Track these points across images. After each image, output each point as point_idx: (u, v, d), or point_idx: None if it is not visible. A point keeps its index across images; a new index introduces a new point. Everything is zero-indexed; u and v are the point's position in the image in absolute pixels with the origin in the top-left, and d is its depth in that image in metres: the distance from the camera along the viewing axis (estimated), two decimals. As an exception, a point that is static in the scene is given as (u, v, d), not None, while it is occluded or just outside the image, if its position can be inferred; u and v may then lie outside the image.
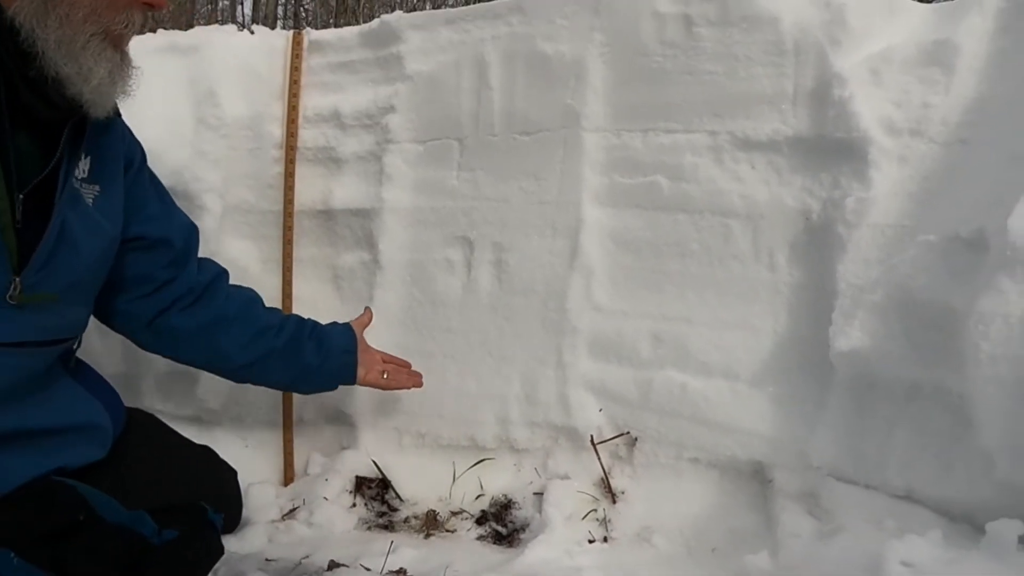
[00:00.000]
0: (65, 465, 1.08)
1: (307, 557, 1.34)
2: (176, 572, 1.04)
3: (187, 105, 1.72)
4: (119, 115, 1.16)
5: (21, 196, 0.97)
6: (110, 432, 1.18)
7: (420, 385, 1.52)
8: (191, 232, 1.30)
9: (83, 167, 1.08)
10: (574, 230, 1.55)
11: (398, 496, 1.55)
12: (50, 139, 1.01)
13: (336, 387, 1.45)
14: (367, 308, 1.54)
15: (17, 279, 0.97)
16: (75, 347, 1.19)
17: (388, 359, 1.50)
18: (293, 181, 1.71)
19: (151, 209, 1.23)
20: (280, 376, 1.39)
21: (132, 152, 1.21)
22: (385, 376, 1.46)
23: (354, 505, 1.54)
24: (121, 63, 1.03)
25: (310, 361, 1.38)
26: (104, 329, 1.64)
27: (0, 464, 0.99)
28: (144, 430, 1.28)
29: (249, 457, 1.60)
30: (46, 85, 0.96)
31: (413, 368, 1.53)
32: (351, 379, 1.43)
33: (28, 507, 0.99)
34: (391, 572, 1.28)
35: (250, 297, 1.38)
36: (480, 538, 1.45)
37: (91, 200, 1.09)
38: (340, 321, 1.48)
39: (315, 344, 1.39)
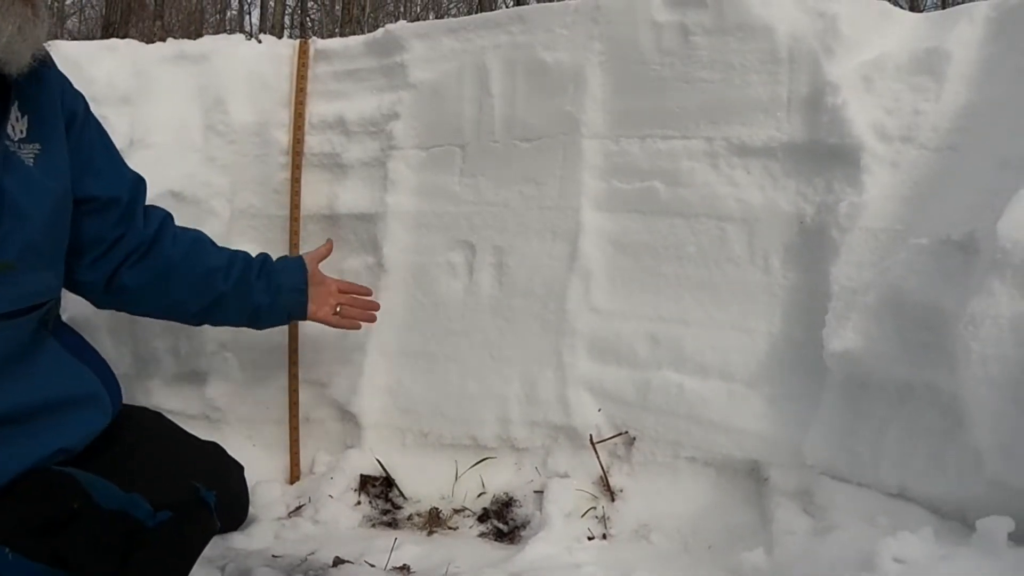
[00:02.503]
0: (65, 447, 1.07)
1: (313, 553, 1.36)
2: (170, 554, 1.03)
3: (196, 112, 1.76)
4: (53, 66, 1.13)
5: None
6: (106, 397, 1.16)
7: (372, 320, 1.53)
8: (138, 185, 1.29)
9: (19, 127, 1.05)
10: (573, 234, 1.58)
11: (401, 494, 1.57)
12: None
13: (288, 321, 1.49)
14: (328, 240, 1.55)
15: None
16: (54, 312, 1.17)
17: (344, 288, 1.50)
18: (299, 186, 1.74)
19: (98, 164, 1.21)
20: (234, 317, 1.40)
21: (74, 105, 1.18)
22: (338, 310, 1.48)
23: (359, 503, 1.56)
24: (32, 17, 1.01)
25: (260, 301, 1.38)
26: (115, 331, 1.68)
27: None
28: (151, 425, 1.29)
29: (256, 456, 1.62)
30: None
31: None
32: (302, 315, 1.45)
33: (22, 500, 0.99)
34: (395, 568, 1.30)
35: (195, 238, 1.36)
36: (482, 535, 1.47)
37: (32, 160, 1.07)
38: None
39: (264, 282, 1.38)
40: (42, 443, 1.05)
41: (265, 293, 1.39)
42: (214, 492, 1.12)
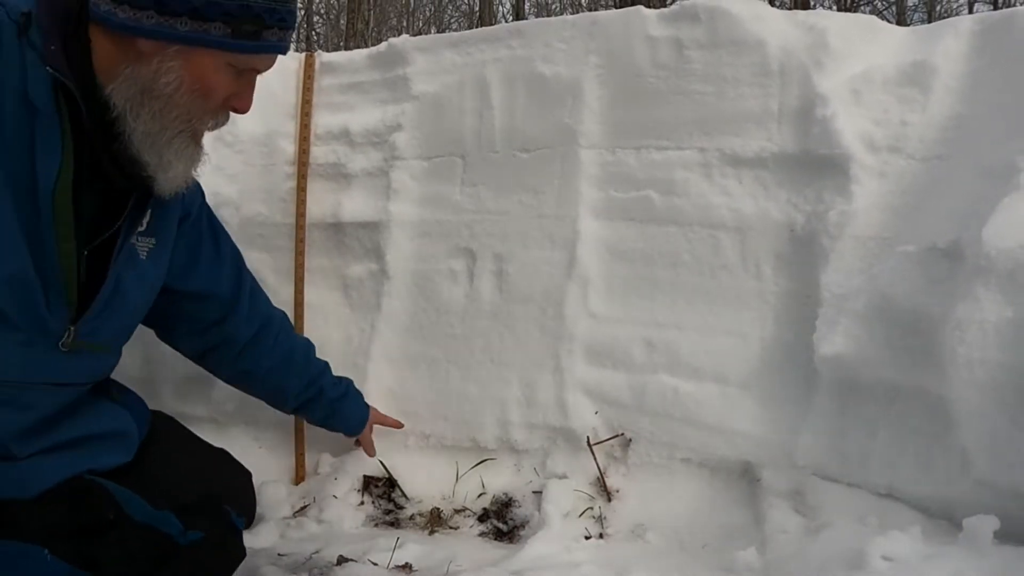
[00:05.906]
0: (95, 467, 1.12)
1: (317, 552, 1.38)
2: (200, 573, 1.08)
3: (205, 123, 1.80)
4: None
5: (86, 253, 1.02)
6: (135, 438, 1.23)
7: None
8: (238, 279, 1.36)
9: (143, 221, 1.11)
10: (571, 242, 1.62)
11: (404, 494, 1.59)
12: (116, 200, 1.05)
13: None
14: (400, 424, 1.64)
15: (72, 328, 1.04)
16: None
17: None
18: (305, 195, 1.77)
19: (202, 261, 1.28)
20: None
21: (191, 201, 1.24)
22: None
23: (362, 503, 1.59)
24: (198, 156, 1.07)
25: (314, 418, 1.56)
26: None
27: (35, 466, 1.05)
28: (166, 433, 1.33)
29: (262, 457, 1.65)
30: (126, 162, 1.01)
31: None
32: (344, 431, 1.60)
33: (61, 506, 1.04)
34: (397, 567, 1.32)
35: (287, 354, 1.45)
36: (482, 535, 1.49)
37: (145, 253, 1.13)
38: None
39: (326, 412, 1.53)
40: (77, 462, 1.11)
41: (323, 417, 1.55)
42: (244, 519, 1.18)
